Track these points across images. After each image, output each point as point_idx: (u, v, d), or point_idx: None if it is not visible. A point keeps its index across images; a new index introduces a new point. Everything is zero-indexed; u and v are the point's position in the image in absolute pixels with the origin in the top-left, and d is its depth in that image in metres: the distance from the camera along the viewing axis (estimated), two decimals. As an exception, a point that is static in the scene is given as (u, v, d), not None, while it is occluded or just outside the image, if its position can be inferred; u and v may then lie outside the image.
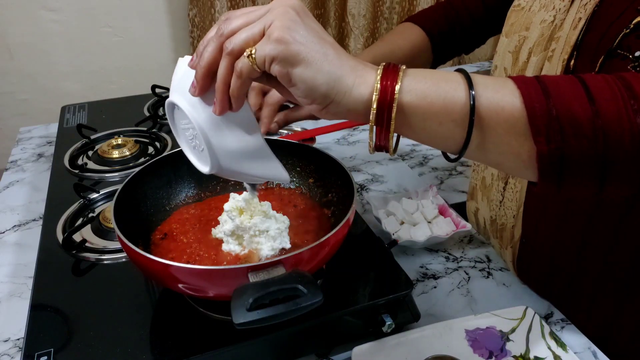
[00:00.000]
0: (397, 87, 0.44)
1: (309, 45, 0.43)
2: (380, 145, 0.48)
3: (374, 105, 0.44)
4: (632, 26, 0.55)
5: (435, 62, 0.90)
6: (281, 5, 0.44)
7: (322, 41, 0.45)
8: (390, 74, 0.44)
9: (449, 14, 0.88)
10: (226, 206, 0.63)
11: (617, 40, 0.56)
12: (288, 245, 0.63)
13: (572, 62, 0.62)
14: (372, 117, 0.45)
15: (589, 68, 0.60)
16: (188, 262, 0.62)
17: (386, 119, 0.45)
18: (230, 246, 0.63)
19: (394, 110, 0.44)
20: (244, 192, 0.64)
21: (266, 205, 0.64)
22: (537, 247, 0.73)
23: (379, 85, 0.44)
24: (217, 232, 0.65)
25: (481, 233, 0.87)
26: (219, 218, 0.65)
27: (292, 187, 0.77)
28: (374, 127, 0.46)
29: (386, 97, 0.44)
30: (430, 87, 0.44)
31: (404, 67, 0.46)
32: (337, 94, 0.45)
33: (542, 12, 0.67)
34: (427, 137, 0.47)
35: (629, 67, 0.55)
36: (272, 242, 0.62)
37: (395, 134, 0.46)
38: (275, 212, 0.65)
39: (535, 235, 0.73)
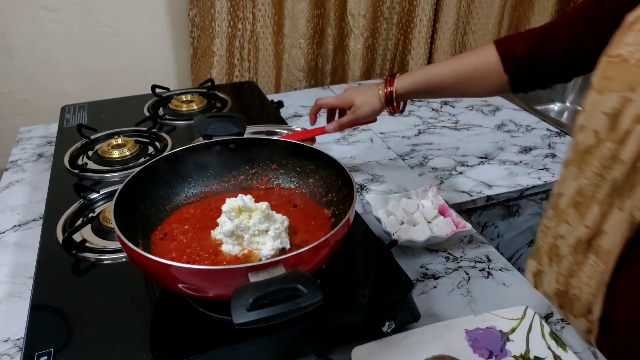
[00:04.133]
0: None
1: None
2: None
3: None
4: None
5: (514, 87, 0.82)
6: None
7: None
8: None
9: (528, 40, 0.79)
10: (224, 207, 0.63)
11: None
12: (288, 246, 0.63)
13: None
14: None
15: None
16: (188, 262, 0.62)
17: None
18: (229, 247, 0.63)
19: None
20: (240, 194, 0.65)
21: (264, 205, 0.64)
22: (629, 330, 0.62)
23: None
24: (217, 233, 0.65)
25: (539, 290, 0.81)
26: (218, 220, 0.65)
27: (292, 187, 0.77)
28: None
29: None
30: None
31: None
32: None
33: None
34: None
35: None
36: (272, 242, 0.62)
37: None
38: (274, 212, 0.65)
39: (626, 319, 0.62)
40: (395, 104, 0.89)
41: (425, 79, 0.87)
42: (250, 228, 0.62)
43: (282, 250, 0.63)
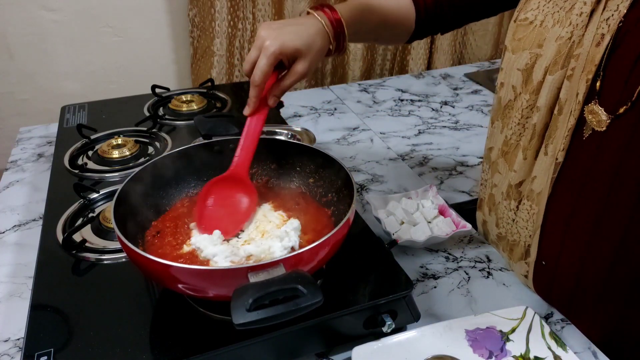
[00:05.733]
0: None
1: None
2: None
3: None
4: None
5: (414, 36, 0.85)
6: None
7: None
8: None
9: None
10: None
11: None
12: (297, 245, 0.63)
13: (597, 83, 0.59)
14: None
15: (620, 92, 0.57)
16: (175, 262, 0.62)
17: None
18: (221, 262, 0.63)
19: None
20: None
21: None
22: (560, 268, 0.70)
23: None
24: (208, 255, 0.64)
25: (489, 242, 0.86)
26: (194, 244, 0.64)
27: (292, 187, 0.77)
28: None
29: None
30: None
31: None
32: None
33: (557, 28, 0.63)
34: None
35: None
36: (279, 242, 0.62)
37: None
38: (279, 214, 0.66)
39: (557, 258, 0.70)
40: (341, 38, 0.71)
41: (362, 11, 0.75)
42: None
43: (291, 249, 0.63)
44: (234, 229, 0.66)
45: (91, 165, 0.98)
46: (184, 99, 1.20)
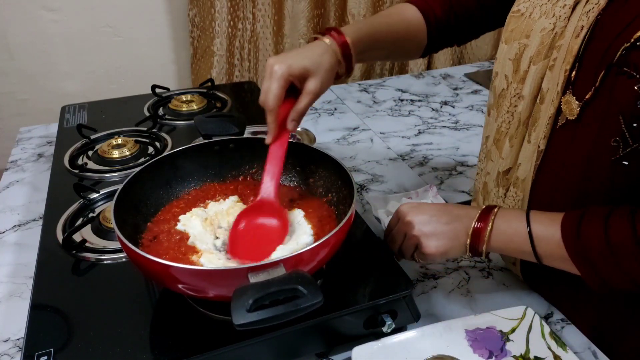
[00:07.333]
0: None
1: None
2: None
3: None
4: (632, 40, 0.53)
5: (428, 49, 0.85)
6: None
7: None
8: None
9: (444, 2, 0.82)
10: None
11: (617, 55, 0.54)
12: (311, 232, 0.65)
13: (573, 74, 0.60)
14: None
15: (591, 81, 0.58)
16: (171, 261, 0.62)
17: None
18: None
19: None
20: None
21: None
22: None
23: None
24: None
25: None
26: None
27: (292, 186, 0.77)
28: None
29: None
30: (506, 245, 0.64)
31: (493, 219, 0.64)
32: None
33: (543, 20, 0.65)
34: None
35: (635, 88, 0.53)
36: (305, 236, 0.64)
37: None
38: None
39: None
40: (349, 58, 0.72)
41: (369, 31, 0.75)
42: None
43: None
44: (266, 254, 0.63)
45: (91, 165, 0.98)
46: (184, 99, 1.20)
